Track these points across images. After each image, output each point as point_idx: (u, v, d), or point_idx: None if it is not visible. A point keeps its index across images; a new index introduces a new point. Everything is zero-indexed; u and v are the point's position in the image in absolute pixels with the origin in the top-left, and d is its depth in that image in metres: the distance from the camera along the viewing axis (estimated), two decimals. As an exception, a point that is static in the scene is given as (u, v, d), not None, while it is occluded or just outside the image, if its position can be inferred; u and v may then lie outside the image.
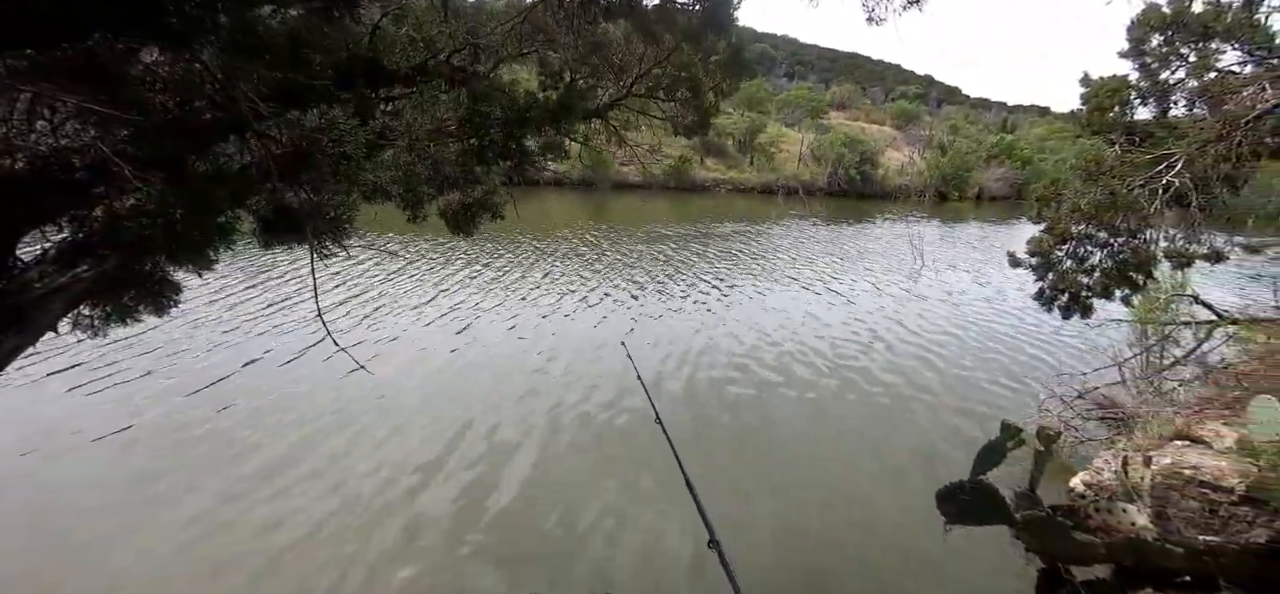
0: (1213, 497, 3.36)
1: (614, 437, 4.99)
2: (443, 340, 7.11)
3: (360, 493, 4.06)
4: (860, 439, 5.43)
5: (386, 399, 5.48)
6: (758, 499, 4.31)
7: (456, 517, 3.94)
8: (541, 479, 4.36)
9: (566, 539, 3.75)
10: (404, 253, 11.33)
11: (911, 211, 28.43)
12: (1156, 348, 7.40)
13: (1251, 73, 4.38)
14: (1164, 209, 4.49)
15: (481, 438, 4.91)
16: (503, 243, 12.97)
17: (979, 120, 53.23)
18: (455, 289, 9.28)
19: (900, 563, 3.73)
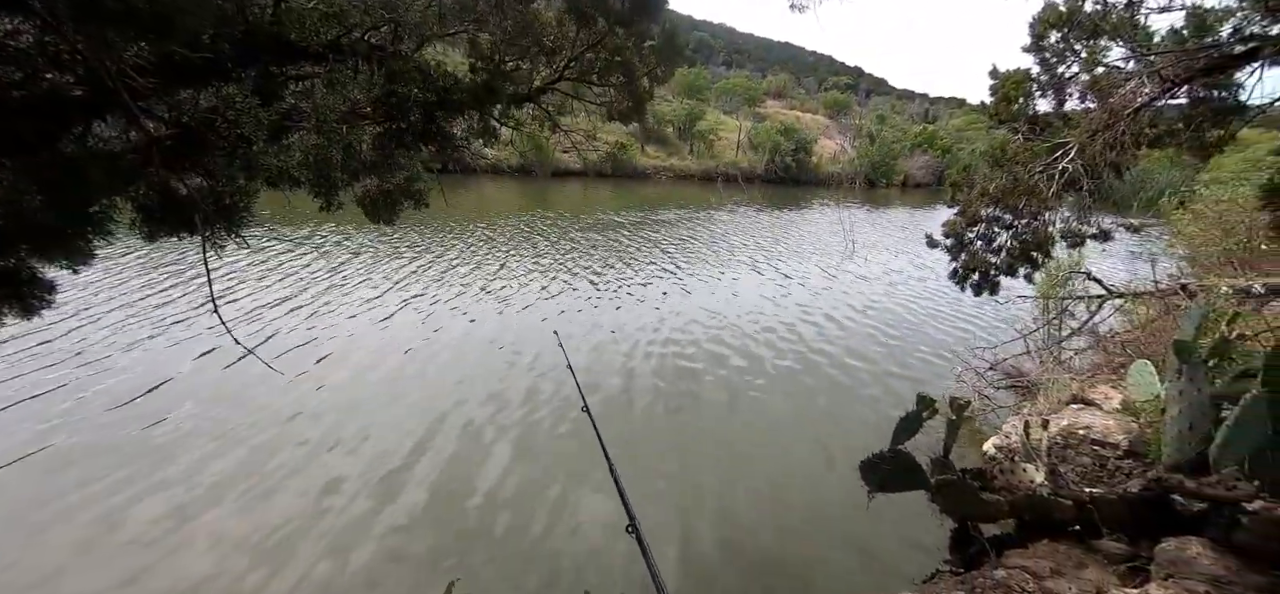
0: (1102, 452, 3.71)
1: (545, 426, 4.91)
2: (382, 335, 6.78)
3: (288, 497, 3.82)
4: (790, 416, 5.55)
5: (317, 398, 5.17)
6: (687, 480, 4.35)
7: (373, 509, 3.78)
8: (467, 471, 4.23)
9: (489, 530, 3.67)
10: (348, 245, 10.73)
11: (844, 198, 29.64)
12: (1056, 321, 8.00)
13: (1133, 68, 4.81)
14: (1060, 193, 4.88)
15: (405, 431, 4.72)
16: (452, 233, 12.50)
17: (904, 111, 56.12)
18: (387, 281, 8.86)
19: (825, 531, 3.89)
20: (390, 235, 11.61)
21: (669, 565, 3.47)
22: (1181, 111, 4.97)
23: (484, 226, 13.99)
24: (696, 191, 27.83)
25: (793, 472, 4.61)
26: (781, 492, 4.32)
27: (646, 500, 4.09)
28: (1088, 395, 5.03)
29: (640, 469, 4.46)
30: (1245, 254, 9.88)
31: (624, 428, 5.09)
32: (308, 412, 4.94)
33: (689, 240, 14.67)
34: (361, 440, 4.55)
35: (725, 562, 3.58)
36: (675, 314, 8.44)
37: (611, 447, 4.63)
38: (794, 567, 3.57)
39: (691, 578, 3.43)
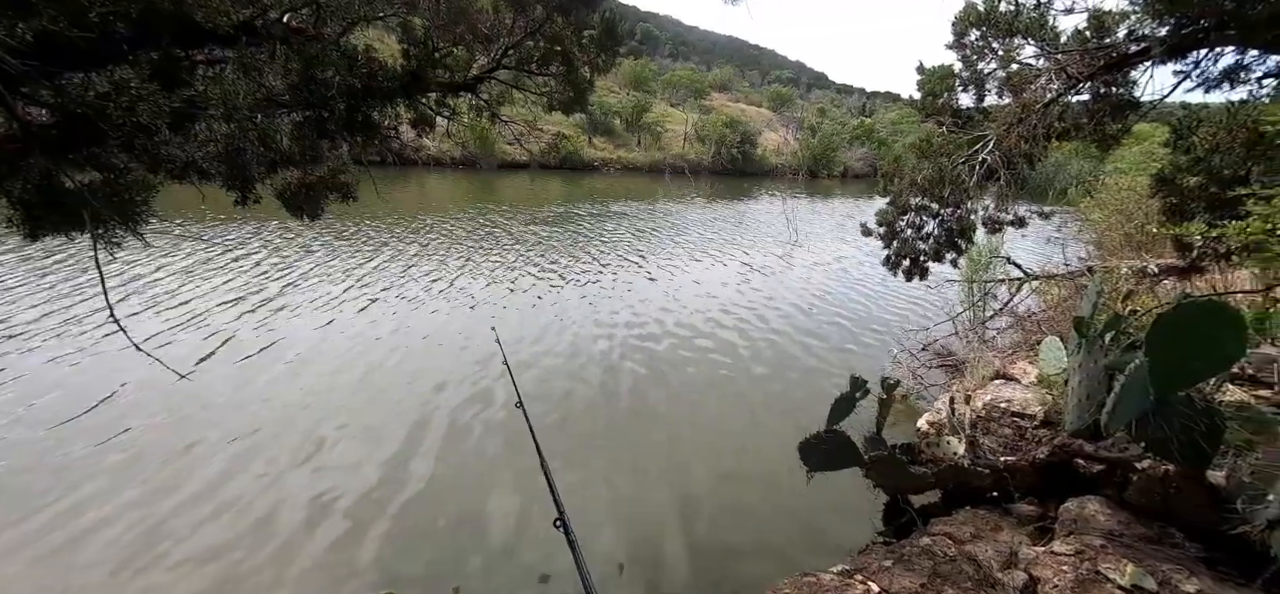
0: (1021, 423, 3.98)
1: (479, 427, 4.80)
2: (311, 336, 6.44)
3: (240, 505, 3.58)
4: (737, 402, 5.61)
5: (235, 405, 4.86)
6: (635, 468, 4.37)
7: (312, 511, 3.61)
8: (398, 475, 4.10)
9: (421, 533, 3.58)
10: (267, 242, 10.09)
11: (788, 189, 30.46)
12: (980, 303, 8.49)
13: (1043, 66, 5.16)
14: (981, 182, 5.19)
15: (339, 435, 4.52)
16: (390, 228, 12.00)
17: (843, 105, 58.14)
18: (319, 279, 8.43)
19: (770, 511, 4.00)
20: (322, 232, 11.05)
21: (608, 555, 3.49)
22: (1086, 106, 5.37)
23: (425, 221, 13.54)
24: (645, 183, 27.92)
25: (738, 456, 4.71)
26: (728, 475, 4.41)
27: (589, 491, 4.09)
28: (1009, 371, 5.38)
29: (585, 461, 4.45)
30: (1143, 237, 10.82)
31: (570, 422, 5.05)
32: (221, 413, 4.66)
33: (639, 233, 14.70)
34: (281, 450, 4.32)
35: (670, 546, 3.63)
36: (624, 305, 8.45)
37: (557, 441, 4.61)
38: (739, 548, 3.66)
39: (636, 564, 3.45)
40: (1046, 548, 2.24)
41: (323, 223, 11.51)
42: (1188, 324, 1.63)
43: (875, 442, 3.31)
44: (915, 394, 6.10)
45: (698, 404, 5.57)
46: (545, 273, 9.97)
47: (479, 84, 4.89)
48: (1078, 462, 2.69)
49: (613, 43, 5.05)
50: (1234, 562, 2.05)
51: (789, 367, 6.74)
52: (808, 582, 2.34)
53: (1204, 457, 1.94)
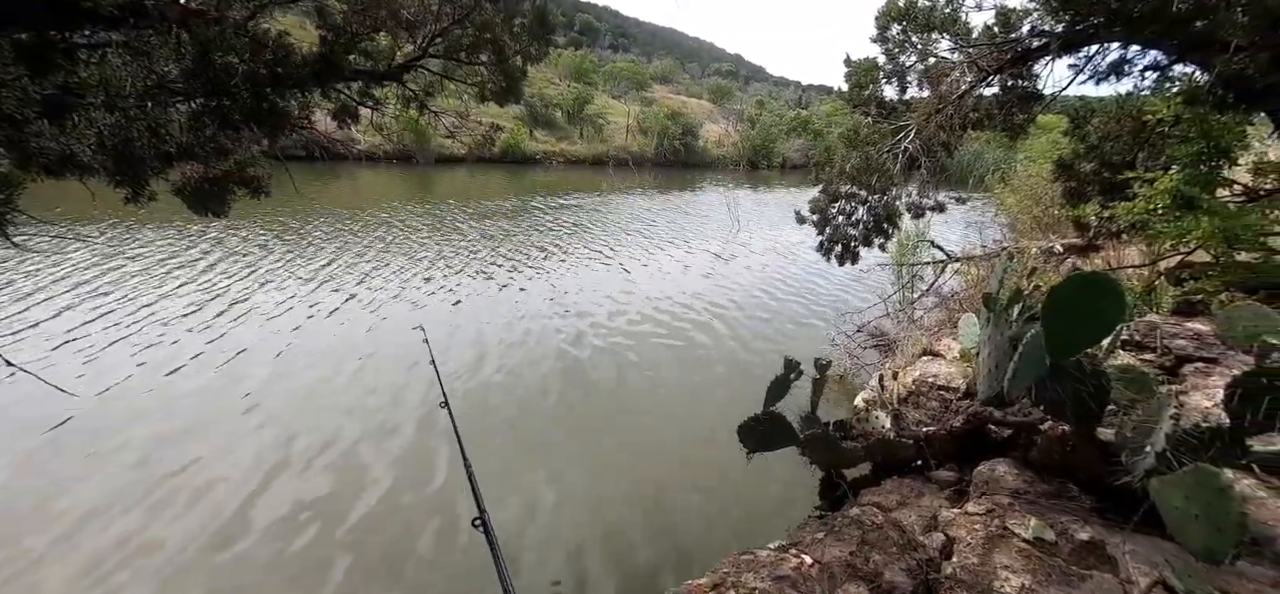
0: (946, 395, 4.23)
1: (408, 428, 4.65)
2: (221, 342, 6.01)
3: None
4: (676, 390, 5.66)
5: (143, 417, 4.48)
6: (575, 461, 4.36)
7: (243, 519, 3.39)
8: (323, 484, 3.92)
9: (342, 542, 3.45)
10: (170, 242, 9.32)
11: (729, 180, 31.04)
12: (908, 284, 8.95)
13: (957, 59, 5.47)
14: (904, 170, 5.47)
15: (254, 448, 4.27)
16: (319, 226, 11.34)
17: (780, 97, 59.69)
18: (228, 281, 7.88)
19: (712, 495, 4.09)
20: (238, 230, 10.35)
21: (542, 553, 3.47)
22: (996, 98, 5.75)
23: (356, 217, 12.92)
24: (589, 176, 27.71)
25: (680, 443, 4.78)
26: (670, 463, 4.47)
27: (524, 488, 4.04)
28: (935, 348, 5.70)
29: (523, 456, 4.40)
30: (1049, 219, 11.71)
31: (509, 418, 4.97)
32: (116, 430, 4.29)
33: (581, 225, 14.60)
34: (195, 462, 4.04)
35: (614, 538, 3.65)
36: (565, 299, 8.37)
37: (494, 440, 4.52)
38: (683, 532, 3.72)
39: (576, 559, 3.45)
40: (962, 510, 2.39)
41: (245, 221, 10.79)
42: (1074, 296, 1.78)
43: (810, 420, 3.43)
44: (852, 374, 6.37)
45: (636, 395, 5.59)
46: (483, 270, 9.72)
47: (405, 73, 4.69)
48: (989, 428, 2.89)
49: (545, 31, 4.96)
50: (1121, 509, 2.26)
51: (734, 352, 6.87)
52: (745, 559, 2.41)
53: (1093, 416, 2.13)
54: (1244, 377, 1.75)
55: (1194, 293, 4.78)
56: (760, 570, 2.29)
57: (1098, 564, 2.04)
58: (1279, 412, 1.78)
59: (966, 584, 1.93)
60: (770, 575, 2.25)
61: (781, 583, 2.21)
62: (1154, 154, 5.26)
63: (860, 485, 3.34)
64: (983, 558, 2.02)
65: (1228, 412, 1.84)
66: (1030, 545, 2.07)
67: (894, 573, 2.26)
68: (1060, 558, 2.04)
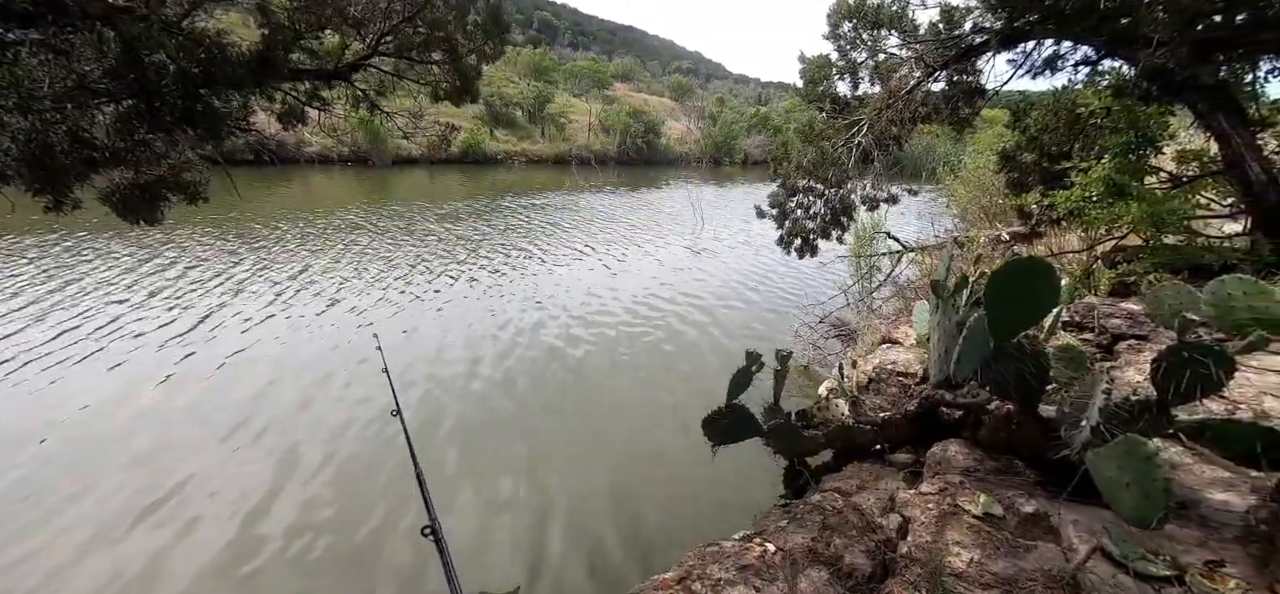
0: (905, 381, 4.36)
1: (368, 436, 4.51)
2: (164, 357, 5.70)
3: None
4: (644, 388, 5.66)
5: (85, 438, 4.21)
6: (540, 463, 4.31)
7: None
8: (272, 503, 3.78)
9: (298, 554, 3.34)
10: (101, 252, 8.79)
11: (693, 176, 31.27)
12: (867, 275, 9.19)
13: (906, 55, 5.65)
14: (858, 164, 5.61)
15: (207, 465, 4.08)
16: (272, 231, 10.87)
17: (740, 94, 60.48)
18: (170, 292, 7.50)
19: (680, 490, 4.11)
20: (174, 241, 9.84)
21: (509, 554, 3.43)
22: (943, 93, 5.96)
23: (311, 222, 12.47)
24: (551, 175, 27.50)
25: (648, 440, 4.78)
26: (637, 461, 4.47)
27: (487, 492, 3.98)
28: (893, 336, 5.87)
29: (486, 459, 4.32)
30: (997, 209, 12.22)
31: (471, 421, 4.86)
32: (63, 450, 4.04)
33: (544, 225, 14.47)
34: (144, 481, 3.83)
35: (580, 537, 3.63)
36: (526, 300, 8.26)
37: (456, 445, 4.43)
38: (652, 528, 3.73)
39: (542, 560, 3.42)
40: (917, 491, 2.47)
41: (185, 226, 10.27)
42: (1012, 280, 1.87)
43: (773, 411, 3.49)
44: (816, 363, 6.50)
45: (604, 394, 5.56)
46: (438, 273, 9.49)
47: (354, 72, 4.54)
48: (942, 410, 2.99)
49: (499, 29, 4.88)
50: (1063, 481, 2.38)
51: (700, 347, 6.90)
52: (711, 551, 2.43)
53: (1035, 394, 2.23)
54: (1167, 352, 1.86)
55: (1127, 275, 5.08)
56: (725, 561, 2.31)
57: (1042, 535, 2.14)
58: (1199, 383, 1.90)
59: (921, 562, 2.00)
60: (735, 565, 2.27)
61: (746, 572, 2.24)
62: (1088, 144, 5.56)
63: (822, 472, 3.42)
64: (936, 536, 2.09)
65: (1154, 385, 1.96)
66: (980, 521, 2.16)
67: (854, 555, 2.32)
68: (1007, 531, 2.13)
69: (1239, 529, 2.11)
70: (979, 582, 1.88)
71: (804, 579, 2.19)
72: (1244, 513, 2.16)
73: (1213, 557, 1.99)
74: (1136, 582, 1.88)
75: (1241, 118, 4.46)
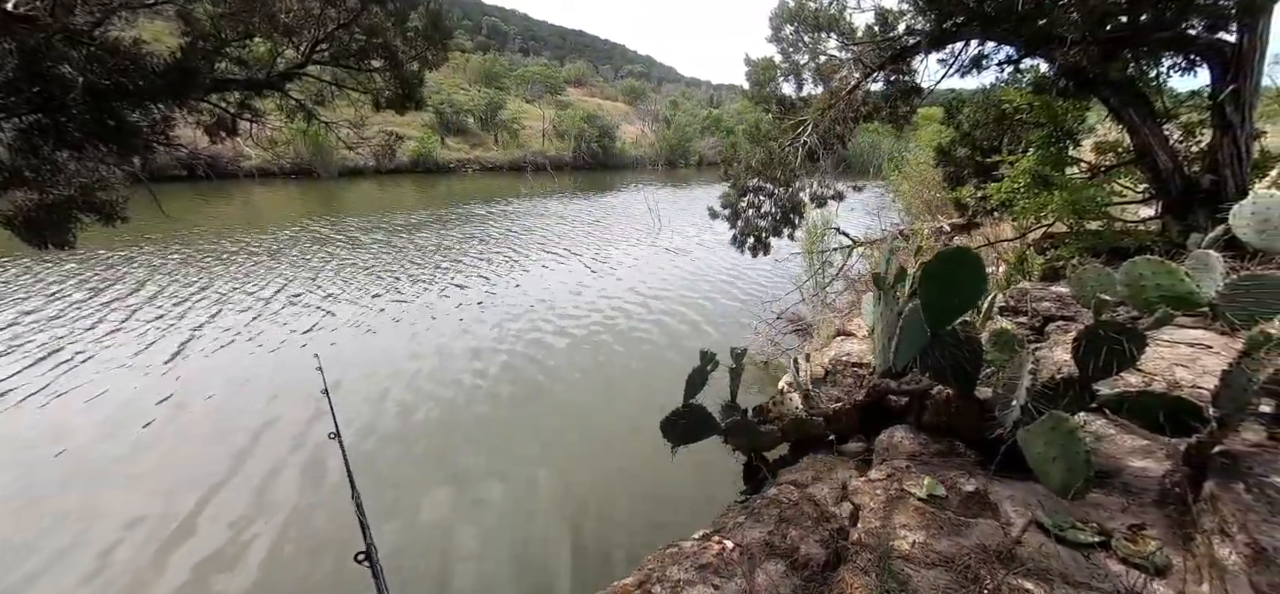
0: (860, 372, 4.48)
1: (306, 464, 4.33)
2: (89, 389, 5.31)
3: None
4: (606, 394, 5.67)
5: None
6: (481, 489, 4.18)
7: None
8: (215, 536, 3.60)
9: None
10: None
11: (649, 179, 31.44)
12: (820, 271, 9.43)
13: (845, 57, 5.84)
14: (805, 163, 5.77)
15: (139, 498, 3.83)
16: (211, 251, 10.27)
17: (693, 97, 61.21)
18: (100, 316, 7.00)
19: (639, 495, 4.10)
20: (102, 259, 9.21)
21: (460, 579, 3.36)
22: (882, 92, 6.19)
23: (250, 239, 11.87)
24: (506, 182, 27.12)
25: (609, 448, 4.76)
26: (597, 467, 4.45)
27: (433, 512, 3.88)
28: (847, 328, 6.04)
29: (434, 479, 4.21)
30: (938, 202, 12.79)
31: (419, 441, 4.72)
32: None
33: (500, 234, 14.24)
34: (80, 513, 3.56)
35: (533, 553, 3.58)
36: (473, 311, 8.05)
37: (403, 466, 4.29)
38: (612, 543, 3.71)
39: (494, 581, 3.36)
40: (866, 478, 2.55)
41: (105, 248, 9.60)
42: (943, 271, 1.96)
43: (730, 409, 3.54)
44: (775, 359, 6.61)
45: (566, 403, 5.51)
46: (386, 289, 9.16)
47: (288, 81, 4.37)
48: (889, 398, 3.10)
49: (441, 35, 4.79)
50: (1002, 460, 2.50)
51: (658, 351, 6.92)
52: (670, 552, 2.44)
53: (970, 379, 2.34)
54: (1085, 332, 1.99)
55: (1056, 260, 5.40)
56: (684, 561, 2.32)
57: (982, 511, 2.25)
58: (1115, 359, 2.03)
59: (870, 547, 2.06)
60: (694, 565, 2.29)
61: (705, 571, 2.26)
62: (1015, 139, 5.88)
63: (779, 466, 3.49)
64: (884, 520, 2.16)
65: (1076, 363, 2.08)
66: (924, 503, 2.24)
67: (809, 546, 2.38)
68: (950, 510, 2.22)
69: (1156, 493, 2.26)
70: (924, 561, 1.95)
71: (761, 573, 2.22)
72: (1161, 478, 2.33)
73: (1135, 521, 2.13)
74: (1067, 549, 2.00)
75: (1149, 111, 4.82)
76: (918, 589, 1.85)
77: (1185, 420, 2.15)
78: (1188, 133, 5.06)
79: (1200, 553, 1.91)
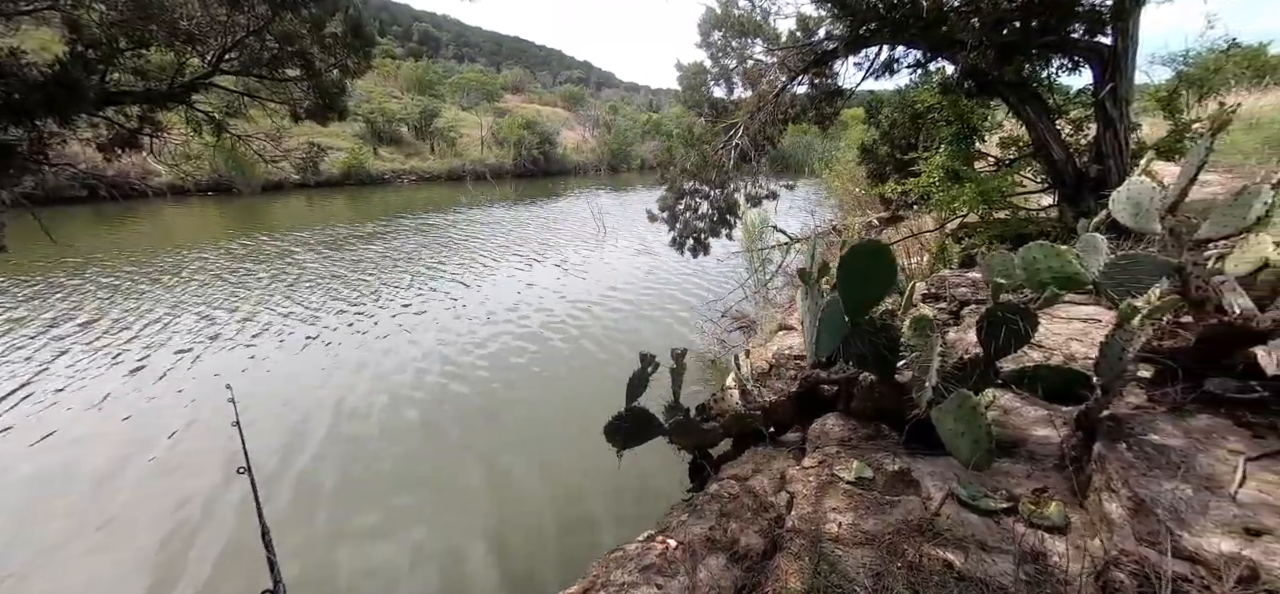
0: (801, 363, 4.64)
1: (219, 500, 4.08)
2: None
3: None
4: (550, 408, 5.54)
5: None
6: (414, 519, 4.06)
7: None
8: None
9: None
10: None
11: (592, 184, 31.39)
12: (760, 268, 9.71)
13: (771, 61, 6.06)
14: (738, 164, 5.94)
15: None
16: (108, 280, 9.40)
17: (632, 102, 61.62)
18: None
19: (586, 504, 4.10)
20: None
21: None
22: (807, 95, 6.47)
23: (159, 262, 11.00)
24: (445, 192, 26.39)
25: (555, 460, 4.71)
26: (542, 483, 4.40)
27: (361, 546, 3.74)
28: (789, 323, 6.24)
29: (363, 510, 4.04)
30: (867, 198, 13.44)
31: (350, 471, 4.51)
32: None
33: (435, 245, 13.83)
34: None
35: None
36: (400, 334, 7.68)
37: (328, 499, 4.11)
38: (558, 559, 3.68)
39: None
40: (800, 466, 2.65)
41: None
42: (856, 263, 2.07)
43: (673, 409, 3.58)
44: (722, 356, 6.73)
45: (509, 419, 5.40)
46: (302, 311, 8.65)
47: (192, 92, 4.10)
48: (821, 387, 3.24)
49: (363, 43, 4.62)
50: (924, 439, 2.66)
51: (603, 357, 6.92)
52: (615, 557, 2.45)
53: (890, 364, 2.48)
54: (986, 313, 2.15)
55: (971, 248, 5.80)
56: (628, 565, 2.34)
57: (906, 489, 2.38)
58: (1013, 338, 2.21)
59: (804, 532, 2.15)
60: (637, 567, 2.31)
61: (648, 572, 2.28)
62: (929, 137, 6.28)
63: (723, 461, 3.57)
64: (815, 505, 2.26)
65: (980, 343, 2.25)
66: (853, 485, 2.35)
67: (749, 537, 2.44)
68: (877, 490, 2.35)
69: (1056, 459, 2.47)
70: (852, 542, 2.05)
71: (703, 569, 2.27)
72: (1059, 444, 2.54)
73: (1038, 485, 2.32)
74: (980, 517, 2.15)
75: (1043, 108, 5.26)
76: (847, 569, 1.94)
77: (1077, 390, 2.36)
78: (1077, 127, 5.56)
79: (1093, 509, 2.10)
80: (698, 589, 2.17)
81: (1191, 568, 1.67)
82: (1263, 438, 2.12)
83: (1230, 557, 1.62)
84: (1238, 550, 1.64)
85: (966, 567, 1.89)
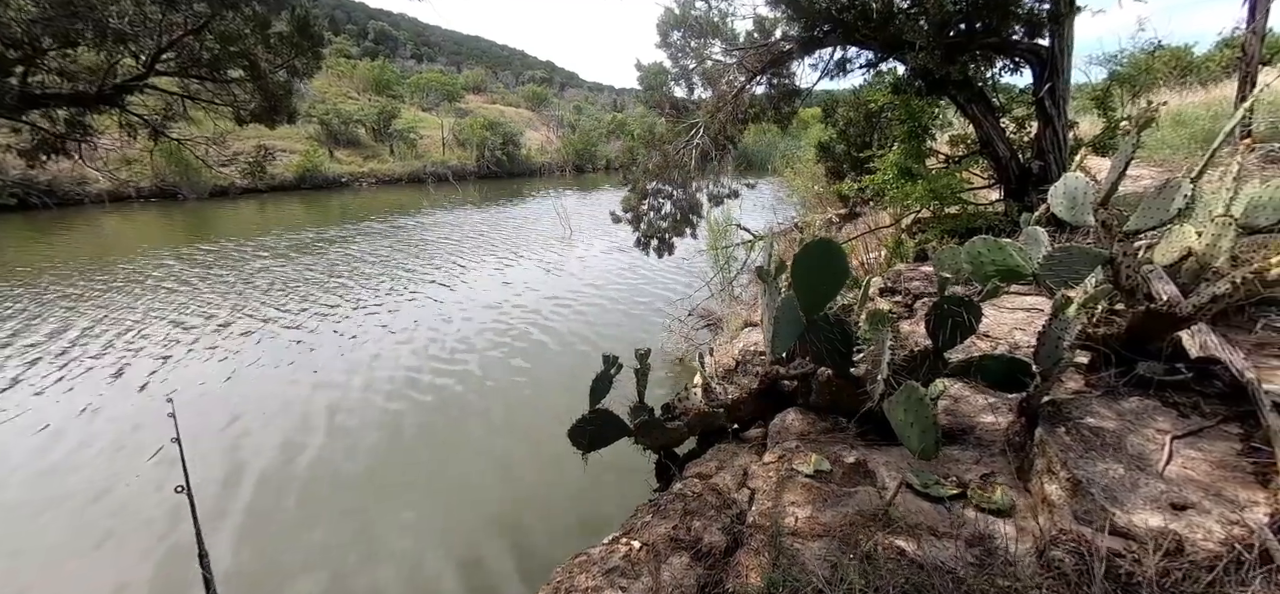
0: (766, 360, 4.70)
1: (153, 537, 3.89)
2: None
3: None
4: (511, 416, 5.45)
5: None
6: (373, 536, 3.97)
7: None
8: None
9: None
10: None
11: (557, 185, 31.15)
12: (725, 266, 9.80)
13: (730, 62, 6.14)
14: (699, 164, 5.99)
15: None
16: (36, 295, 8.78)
17: (597, 101, 61.44)
18: None
19: (553, 510, 4.07)
20: None
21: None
22: (766, 95, 6.57)
23: (92, 276, 10.38)
24: (407, 195, 25.76)
25: (520, 468, 4.66)
26: (507, 489, 4.35)
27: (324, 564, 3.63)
28: (753, 319, 6.32)
29: (321, 528, 3.93)
30: (828, 196, 13.74)
31: (306, 485, 4.38)
32: None
33: (396, 251, 13.48)
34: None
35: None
36: (351, 344, 7.43)
37: (285, 518, 3.97)
38: (529, 559, 3.65)
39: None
40: (761, 461, 2.69)
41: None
42: (809, 261, 2.11)
43: (638, 409, 3.59)
44: (690, 355, 6.76)
45: (469, 427, 5.31)
46: (248, 321, 8.29)
47: (126, 94, 3.89)
48: (782, 383, 3.29)
49: (311, 43, 4.49)
50: (879, 431, 2.74)
51: (570, 361, 6.86)
52: (579, 561, 2.43)
53: (846, 358, 2.54)
54: (933, 306, 2.23)
55: (924, 243, 6.00)
56: (592, 568, 2.33)
57: (861, 480, 2.44)
58: (959, 330, 2.29)
59: (764, 527, 2.18)
60: (601, 571, 2.30)
61: (612, 575, 2.27)
62: (883, 135, 6.46)
63: (688, 460, 3.59)
64: (775, 500, 2.29)
65: (929, 335, 2.33)
66: (811, 479, 2.40)
67: (712, 534, 2.47)
68: (834, 483, 2.40)
69: (1002, 444, 2.58)
70: (810, 534, 2.09)
71: (666, 569, 2.28)
72: (1005, 430, 2.65)
73: (986, 471, 2.41)
74: (932, 504, 2.22)
75: (988, 107, 5.49)
76: (805, 561, 1.98)
77: (1019, 377, 2.46)
78: (1020, 125, 5.82)
79: (1035, 491, 2.20)
80: (661, 590, 2.18)
81: (1124, 543, 1.76)
82: (1187, 417, 2.26)
83: (1158, 531, 1.72)
84: (1164, 525, 1.74)
85: (918, 553, 1.95)
